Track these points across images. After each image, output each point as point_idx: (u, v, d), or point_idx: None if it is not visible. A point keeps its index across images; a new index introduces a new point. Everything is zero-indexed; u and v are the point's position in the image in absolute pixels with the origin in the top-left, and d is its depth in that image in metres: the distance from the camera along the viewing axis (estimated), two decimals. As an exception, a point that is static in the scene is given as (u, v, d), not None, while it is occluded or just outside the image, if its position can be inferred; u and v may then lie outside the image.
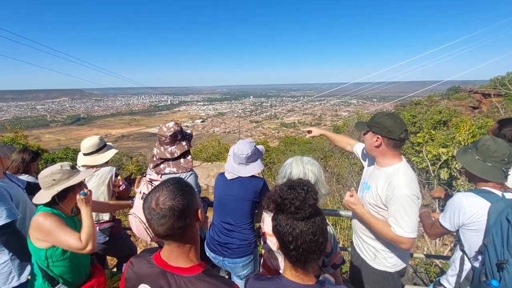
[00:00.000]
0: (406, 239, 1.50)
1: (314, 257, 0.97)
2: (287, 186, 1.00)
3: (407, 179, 1.55)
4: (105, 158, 2.45)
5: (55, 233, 1.53)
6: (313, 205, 0.96)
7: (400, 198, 1.51)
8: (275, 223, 1.01)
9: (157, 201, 0.90)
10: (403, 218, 1.50)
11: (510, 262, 1.28)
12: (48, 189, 1.63)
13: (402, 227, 1.49)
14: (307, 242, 0.95)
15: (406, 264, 1.78)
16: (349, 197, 1.69)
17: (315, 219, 0.97)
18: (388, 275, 1.75)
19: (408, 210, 1.50)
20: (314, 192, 0.99)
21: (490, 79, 18.42)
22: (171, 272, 0.95)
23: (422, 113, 11.69)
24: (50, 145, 54.07)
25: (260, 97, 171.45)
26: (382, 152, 1.64)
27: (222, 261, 2.05)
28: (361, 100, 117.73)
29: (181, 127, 2.18)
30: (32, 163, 2.66)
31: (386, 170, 1.64)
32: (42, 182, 1.63)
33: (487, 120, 7.48)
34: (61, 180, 1.66)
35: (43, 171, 1.65)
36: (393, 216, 1.53)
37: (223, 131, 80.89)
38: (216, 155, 14.29)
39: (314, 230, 0.95)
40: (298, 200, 0.95)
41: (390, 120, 1.57)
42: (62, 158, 10.69)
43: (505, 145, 1.46)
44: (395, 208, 1.53)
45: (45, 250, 1.55)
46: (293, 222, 0.96)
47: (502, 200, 1.40)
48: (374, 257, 1.78)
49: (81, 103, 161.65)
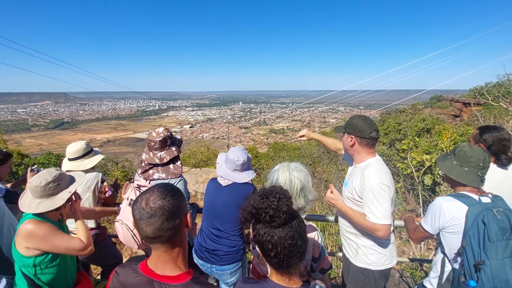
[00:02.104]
0: (380, 226, 1.60)
1: (296, 261, 0.99)
2: (259, 196, 1.03)
3: (377, 170, 1.70)
4: (91, 163, 2.40)
5: (51, 238, 1.51)
6: (287, 211, 0.98)
7: (371, 187, 1.65)
8: (255, 232, 1.03)
9: (147, 201, 0.91)
10: (375, 205, 1.62)
11: (487, 263, 1.35)
12: (51, 196, 1.59)
13: (375, 214, 1.61)
14: (286, 247, 0.97)
15: (390, 265, 1.82)
16: (329, 193, 1.81)
17: (291, 224, 1.00)
18: (369, 273, 1.79)
19: (378, 197, 1.62)
20: (287, 199, 1.01)
21: (470, 89, 19.28)
22: (159, 281, 0.93)
23: (406, 121, 12.07)
24: (32, 150, 52.13)
25: (250, 103, 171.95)
26: (357, 151, 1.81)
27: (210, 268, 2.03)
28: (348, 107, 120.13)
29: (171, 132, 2.18)
30: (0, 166, 2.51)
31: (360, 165, 1.81)
32: (44, 189, 1.57)
33: (467, 128, 7.81)
34: (65, 185, 1.65)
35: (41, 178, 1.57)
36: (367, 205, 1.66)
37: (212, 137, 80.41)
38: (205, 161, 14.17)
39: (292, 235, 0.98)
40: (271, 209, 0.97)
41: (361, 121, 1.75)
42: (44, 163, 10.33)
43: (481, 151, 1.55)
44: (367, 197, 1.66)
45: (33, 258, 1.51)
46: (270, 230, 0.99)
47: (478, 203, 1.47)
48: (356, 254, 1.84)
49: (65, 107, 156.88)
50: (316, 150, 13.58)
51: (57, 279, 1.60)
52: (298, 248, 0.99)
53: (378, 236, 1.66)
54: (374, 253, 1.79)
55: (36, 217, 1.56)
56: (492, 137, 1.88)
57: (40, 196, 1.57)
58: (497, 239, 1.36)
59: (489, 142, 1.88)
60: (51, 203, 1.57)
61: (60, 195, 1.61)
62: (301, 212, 1.53)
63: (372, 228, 1.64)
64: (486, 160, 1.53)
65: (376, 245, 1.78)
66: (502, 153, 1.86)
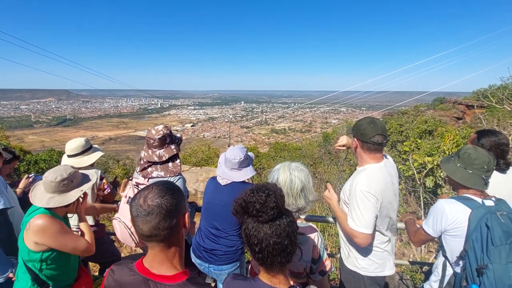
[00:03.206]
0: (357, 233, 1.58)
1: (280, 260, 0.98)
2: (251, 190, 1.04)
3: (367, 178, 1.63)
4: (90, 160, 2.39)
5: (62, 236, 1.54)
6: (274, 207, 0.98)
7: (355, 194, 1.61)
8: (244, 226, 1.04)
9: (145, 198, 0.90)
10: (356, 212, 1.59)
11: (490, 267, 1.32)
12: (63, 192, 1.61)
13: (354, 220, 1.59)
14: (271, 244, 0.96)
15: (382, 274, 1.75)
16: (327, 192, 1.83)
17: (280, 222, 0.99)
18: (359, 277, 1.77)
19: (360, 204, 1.58)
20: (277, 195, 1.01)
21: (473, 91, 19.16)
22: (154, 281, 0.92)
23: (408, 122, 12.01)
24: (34, 146, 52.35)
25: (251, 102, 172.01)
26: (359, 154, 1.76)
27: (208, 267, 2.01)
28: (350, 108, 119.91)
29: (171, 130, 2.16)
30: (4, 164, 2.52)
31: (359, 169, 1.75)
32: (58, 185, 1.59)
33: (470, 131, 7.74)
34: (78, 184, 1.68)
35: (57, 174, 1.60)
36: (349, 210, 1.66)
37: (213, 136, 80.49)
38: (205, 159, 14.17)
39: (279, 233, 0.97)
40: (259, 203, 0.98)
41: (365, 124, 1.68)
42: (46, 160, 10.36)
43: (485, 153, 1.52)
44: (351, 202, 1.65)
45: (40, 253, 1.52)
46: (258, 225, 0.99)
47: (482, 207, 1.44)
48: (347, 256, 1.83)
49: (68, 104, 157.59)
50: (317, 150, 13.53)
51: (60, 274, 1.64)
52: (284, 248, 0.98)
53: (357, 243, 1.63)
54: (364, 259, 1.75)
55: (47, 211, 1.57)
56: (490, 141, 1.86)
57: (53, 191, 1.59)
58: (501, 243, 1.33)
59: (487, 146, 1.85)
60: (63, 199, 1.59)
61: (72, 193, 1.64)
62: (301, 212, 1.51)
63: (350, 233, 1.63)
64: (491, 162, 1.50)
65: (365, 251, 1.73)
66: (500, 158, 1.83)
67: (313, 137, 22.84)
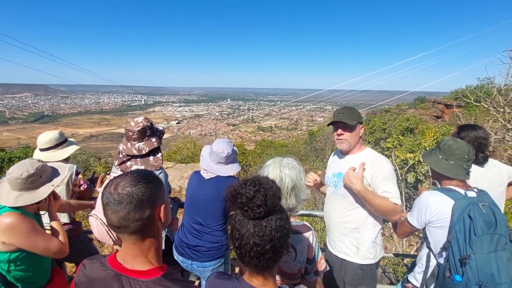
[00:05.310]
0: (399, 208, 1.69)
1: (256, 263, 0.91)
2: (244, 181, 0.98)
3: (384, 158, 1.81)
4: (64, 154, 2.25)
5: (32, 236, 1.41)
6: (262, 206, 0.90)
7: (386, 171, 1.73)
8: (233, 216, 0.99)
9: (116, 186, 0.83)
10: (396, 187, 1.71)
11: (472, 258, 1.34)
12: (32, 189, 1.48)
13: (398, 197, 1.69)
14: (249, 244, 0.89)
15: (382, 254, 1.90)
16: (352, 172, 1.73)
17: (267, 223, 0.91)
18: (368, 268, 1.82)
19: (394, 180, 1.73)
20: (266, 193, 0.92)
21: (452, 91, 19.93)
22: (127, 276, 0.85)
23: (391, 120, 12.34)
24: (9, 143, 49.81)
25: (238, 100, 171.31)
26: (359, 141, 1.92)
27: (191, 264, 1.95)
28: (335, 106, 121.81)
29: (151, 122, 2.06)
30: None
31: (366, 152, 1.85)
32: (25, 182, 1.45)
33: (449, 128, 8.03)
34: (48, 178, 1.55)
35: (22, 170, 1.45)
36: (387, 188, 1.69)
37: (199, 133, 79.58)
38: (191, 156, 13.96)
39: (261, 235, 0.89)
40: (245, 197, 0.91)
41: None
42: (21, 157, 9.90)
43: (465, 144, 1.57)
44: (384, 181, 1.71)
45: (8, 254, 1.40)
46: (243, 220, 0.93)
47: (464, 198, 1.46)
48: (357, 251, 1.82)
49: (46, 100, 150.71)
50: (303, 147, 13.66)
51: (31, 276, 1.52)
52: (263, 252, 0.89)
53: (393, 220, 1.73)
54: (374, 246, 1.82)
55: (14, 209, 1.44)
56: (469, 135, 1.92)
57: (20, 189, 1.45)
58: (483, 233, 1.35)
59: (466, 140, 1.89)
60: (32, 197, 1.46)
61: (42, 189, 1.51)
62: (292, 212, 1.43)
63: (394, 210, 1.66)
64: (471, 152, 1.54)
65: (376, 237, 1.82)
66: (478, 151, 1.88)
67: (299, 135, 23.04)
